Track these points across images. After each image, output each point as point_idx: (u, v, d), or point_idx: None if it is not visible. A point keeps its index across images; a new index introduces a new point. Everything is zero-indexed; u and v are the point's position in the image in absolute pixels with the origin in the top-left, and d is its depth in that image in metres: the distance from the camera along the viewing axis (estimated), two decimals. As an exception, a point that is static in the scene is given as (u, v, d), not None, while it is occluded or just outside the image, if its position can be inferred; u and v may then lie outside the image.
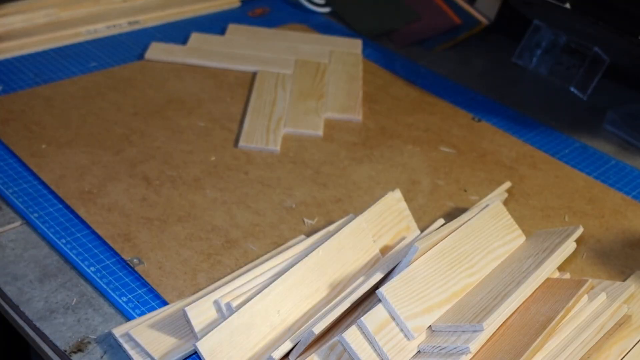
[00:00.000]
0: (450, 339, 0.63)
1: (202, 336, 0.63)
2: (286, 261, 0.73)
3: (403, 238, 0.77)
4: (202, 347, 0.63)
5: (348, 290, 0.70)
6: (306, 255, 0.71)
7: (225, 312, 0.67)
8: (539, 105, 1.15)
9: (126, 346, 0.67)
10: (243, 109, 1.06)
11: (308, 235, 0.81)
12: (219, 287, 0.70)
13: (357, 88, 1.13)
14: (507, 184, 0.90)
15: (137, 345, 0.67)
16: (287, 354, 0.65)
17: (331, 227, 0.79)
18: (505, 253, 0.74)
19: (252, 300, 0.65)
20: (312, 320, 0.67)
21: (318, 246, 0.73)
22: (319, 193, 0.91)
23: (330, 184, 0.92)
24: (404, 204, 0.80)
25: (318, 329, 0.63)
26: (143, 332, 0.67)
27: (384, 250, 0.76)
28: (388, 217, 0.78)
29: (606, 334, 0.68)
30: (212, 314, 0.67)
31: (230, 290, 0.69)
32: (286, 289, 0.67)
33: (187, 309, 0.66)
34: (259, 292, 0.67)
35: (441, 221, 0.81)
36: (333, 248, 0.72)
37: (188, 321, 0.67)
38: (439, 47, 1.29)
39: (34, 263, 0.77)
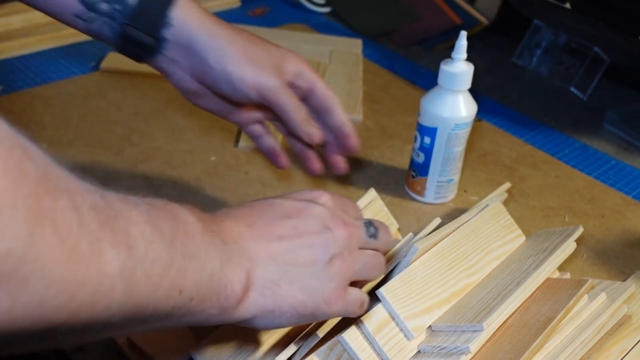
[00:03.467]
0: (450, 339, 0.63)
1: (200, 343, 0.63)
2: None
3: (397, 241, 0.77)
4: (200, 357, 0.62)
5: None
6: None
7: None
8: (539, 105, 1.15)
9: (125, 349, 0.67)
10: (243, 109, 1.06)
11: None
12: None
13: (357, 88, 1.13)
14: (507, 185, 0.90)
15: (136, 348, 0.66)
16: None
17: None
18: (505, 253, 0.74)
19: None
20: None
21: None
22: (319, 193, 0.90)
23: (330, 184, 0.92)
24: (380, 202, 0.80)
25: (322, 331, 0.62)
26: (143, 336, 0.67)
27: None
28: None
29: (606, 334, 0.68)
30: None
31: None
32: None
33: None
34: None
35: (438, 220, 0.81)
36: None
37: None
38: (439, 47, 1.29)
39: (34, 263, 0.77)
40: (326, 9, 1.37)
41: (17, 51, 1.13)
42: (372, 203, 0.79)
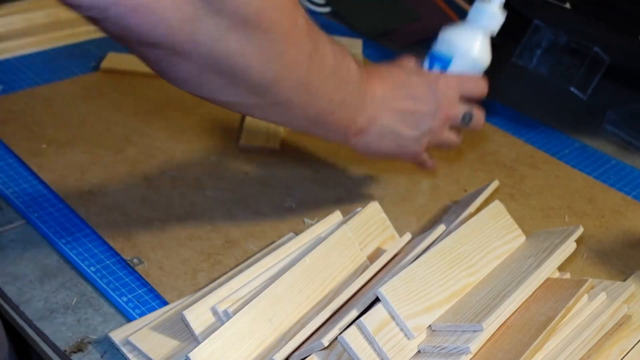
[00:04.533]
0: (451, 338, 0.63)
1: (200, 342, 0.63)
2: (277, 263, 0.73)
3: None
4: (195, 358, 0.62)
5: (348, 296, 0.69)
6: (293, 263, 0.70)
7: (223, 318, 0.67)
8: (539, 105, 1.15)
9: (124, 350, 0.67)
10: (243, 109, 1.06)
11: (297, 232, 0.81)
12: (217, 287, 0.70)
13: (357, 88, 1.13)
14: (495, 184, 0.89)
15: (135, 349, 0.66)
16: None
17: (318, 225, 0.79)
18: (505, 253, 0.74)
19: (242, 311, 0.65)
20: (322, 329, 0.66)
21: (306, 249, 0.74)
22: (320, 193, 0.91)
23: (331, 184, 0.92)
24: (384, 215, 0.80)
25: (327, 340, 0.62)
26: (143, 338, 0.67)
27: (371, 258, 0.76)
28: (372, 226, 0.78)
29: (606, 334, 0.68)
30: (212, 315, 0.67)
31: (227, 294, 0.68)
32: (276, 298, 0.67)
33: (185, 312, 0.66)
34: (251, 299, 0.66)
35: (442, 227, 0.80)
36: (320, 256, 0.71)
37: (187, 325, 0.66)
38: (439, 47, 1.29)
39: (34, 263, 0.77)
40: (326, 9, 1.37)
41: (17, 51, 1.13)
42: (369, 206, 0.79)
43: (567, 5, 1.10)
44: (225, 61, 0.59)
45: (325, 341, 0.62)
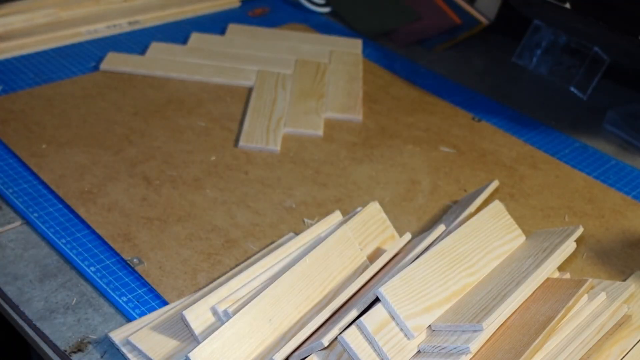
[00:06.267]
0: (450, 338, 0.63)
1: (200, 342, 0.63)
2: (277, 263, 0.72)
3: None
4: (195, 358, 0.62)
5: (348, 296, 0.69)
6: (293, 263, 0.70)
7: (222, 318, 0.67)
8: (539, 105, 1.15)
9: (124, 350, 0.67)
10: (243, 108, 1.06)
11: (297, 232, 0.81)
12: (217, 287, 0.70)
13: (357, 88, 1.13)
14: (496, 183, 0.89)
15: (135, 349, 0.66)
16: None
17: (318, 225, 0.79)
18: (505, 253, 0.74)
19: (242, 311, 0.65)
20: (322, 329, 0.66)
21: (306, 249, 0.74)
22: (319, 193, 0.91)
23: (331, 183, 0.92)
24: (384, 215, 0.80)
25: (327, 340, 0.62)
26: (143, 338, 0.67)
27: (371, 258, 0.75)
28: (372, 226, 0.78)
29: (606, 334, 0.68)
30: (212, 315, 0.67)
31: (227, 294, 0.68)
32: (275, 298, 0.67)
33: (185, 312, 0.66)
34: (251, 299, 0.66)
35: (442, 227, 0.80)
36: (320, 256, 0.71)
37: (187, 324, 0.66)
38: (439, 47, 1.29)
39: (34, 263, 0.77)
40: (326, 9, 1.37)
41: (17, 51, 1.13)
42: (369, 206, 0.79)
43: (567, 5, 1.10)
44: None
45: (325, 341, 0.62)
